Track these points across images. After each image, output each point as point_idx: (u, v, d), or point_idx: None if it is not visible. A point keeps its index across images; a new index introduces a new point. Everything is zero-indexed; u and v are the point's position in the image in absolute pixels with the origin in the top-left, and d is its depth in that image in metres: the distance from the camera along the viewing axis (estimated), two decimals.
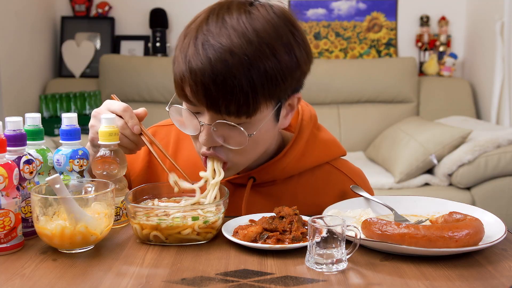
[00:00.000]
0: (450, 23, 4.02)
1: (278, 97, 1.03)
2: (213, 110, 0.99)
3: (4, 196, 0.93)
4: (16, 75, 3.44)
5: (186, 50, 0.99)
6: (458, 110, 3.69)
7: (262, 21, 0.99)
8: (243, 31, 0.97)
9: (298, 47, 1.02)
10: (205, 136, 1.02)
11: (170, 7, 3.97)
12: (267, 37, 0.97)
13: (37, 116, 1.05)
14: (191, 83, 0.98)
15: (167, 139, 1.26)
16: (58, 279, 0.84)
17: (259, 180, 1.16)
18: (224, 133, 1.03)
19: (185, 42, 1.01)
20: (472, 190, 2.99)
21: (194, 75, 0.97)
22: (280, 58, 0.98)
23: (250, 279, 0.83)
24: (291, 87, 1.04)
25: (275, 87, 0.99)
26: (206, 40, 0.97)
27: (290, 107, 1.10)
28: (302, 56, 1.03)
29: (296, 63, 1.01)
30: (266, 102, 1.00)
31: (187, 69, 0.98)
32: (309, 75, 1.10)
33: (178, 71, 1.00)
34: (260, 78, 0.97)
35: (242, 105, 0.97)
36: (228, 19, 0.98)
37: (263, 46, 0.97)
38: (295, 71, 1.02)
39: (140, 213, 0.99)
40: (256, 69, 0.96)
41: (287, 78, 1.00)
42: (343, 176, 1.20)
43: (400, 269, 0.86)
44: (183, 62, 0.99)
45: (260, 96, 0.98)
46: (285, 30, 1.01)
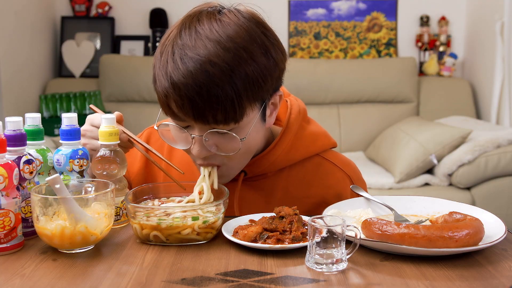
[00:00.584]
0: (450, 23, 4.02)
1: (262, 98, 1.05)
2: (201, 121, 1.01)
3: (4, 196, 0.93)
4: (16, 75, 3.44)
5: (166, 66, 1.00)
6: (458, 110, 3.69)
7: (234, 26, 1.00)
8: (217, 39, 0.98)
9: (273, 47, 1.04)
10: (198, 148, 1.04)
11: (170, 7, 3.97)
12: (242, 41, 0.99)
13: (37, 116, 1.05)
14: (176, 98, 0.99)
15: (162, 141, 1.27)
16: (58, 279, 0.84)
17: (250, 173, 1.18)
18: (216, 141, 1.04)
19: (162, 59, 1.02)
20: (472, 190, 2.99)
21: (178, 90, 0.98)
22: (258, 60, 1.00)
23: (250, 279, 0.83)
24: (272, 87, 1.06)
25: (258, 90, 1.01)
26: (184, 53, 0.98)
27: (273, 105, 1.12)
28: (278, 55, 1.05)
29: (274, 62, 1.04)
30: (251, 105, 1.02)
31: (170, 85, 0.99)
32: (309, 75, 1.11)
33: (161, 89, 1.01)
34: (243, 83, 0.98)
35: (228, 112, 0.99)
36: (201, 29, 1.00)
37: (240, 51, 0.98)
38: (274, 70, 1.04)
39: (140, 213, 0.99)
40: (238, 75, 0.98)
41: (268, 79, 1.02)
42: (334, 167, 1.21)
43: (400, 269, 0.87)
44: (165, 78, 1.00)
45: (245, 100, 1.00)
46: (258, 32, 1.02)
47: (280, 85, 1.11)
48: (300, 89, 3.69)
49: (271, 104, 1.10)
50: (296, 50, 4.04)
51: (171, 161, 1.23)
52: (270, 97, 1.08)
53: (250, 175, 1.18)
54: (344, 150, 3.67)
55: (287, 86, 1.20)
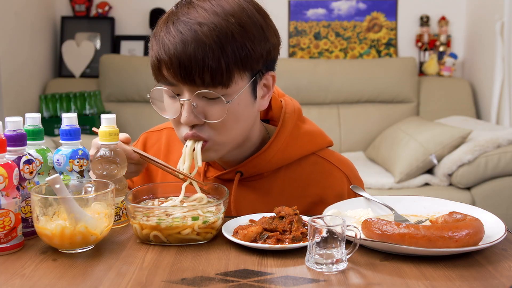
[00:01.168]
0: (450, 23, 4.02)
1: (251, 68, 1.06)
2: (189, 82, 1.03)
3: (4, 196, 0.93)
4: (16, 75, 3.44)
5: (159, 33, 1.06)
6: (458, 110, 3.69)
7: (230, 2, 1.05)
8: (210, 8, 1.03)
9: (265, 23, 1.08)
10: (186, 113, 1.05)
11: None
12: (233, 11, 1.04)
13: (37, 116, 1.05)
14: (165, 59, 1.03)
15: (158, 144, 1.29)
16: (58, 279, 0.84)
17: (246, 174, 1.17)
18: (204, 108, 1.05)
19: (157, 29, 1.08)
20: (472, 190, 2.99)
21: (168, 51, 1.02)
22: (247, 28, 1.04)
23: (250, 279, 0.83)
24: (262, 60, 1.08)
25: (246, 56, 1.04)
26: (176, 19, 1.04)
27: (266, 88, 1.13)
28: (269, 31, 1.09)
29: (264, 35, 1.07)
30: (239, 72, 1.04)
31: (160, 47, 1.04)
32: (309, 75, 1.12)
33: (153, 54, 1.06)
34: (230, 45, 1.02)
35: (215, 72, 1.01)
36: (196, 1, 1.06)
37: (229, 18, 1.03)
38: (263, 42, 1.07)
39: (140, 213, 0.99)
40: (225, 37, 1.01)
41: (257, 49, 1.05)
42: (331, 166, 1.21)
43: (400, 269, 0.86)
44: (157, 43, 1.05)
45: (232, 63, 1.02)
46: (251, 9, 1.07)
47: (272, 64, 1.12)
48: (300, 89, 3.69)
49: (263, 86, 1.12)
50: (296, 50, 4.04)
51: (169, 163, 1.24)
52: (261, 74, 1.09)
53: (246, 175, 1.18)
54: (344, 150, 3.67)
55: (287, 86, 1.21)
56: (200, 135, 1.07)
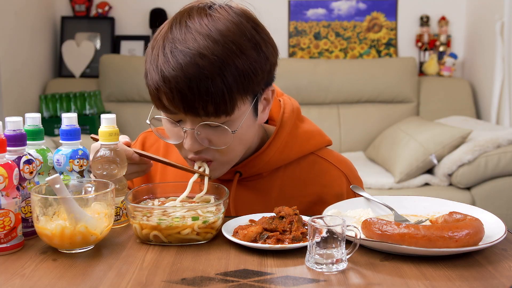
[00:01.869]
0: (450, 23, 4.02)
1: (253, 91, 1.05)
2: (192, 114, 1.01)
3: (4, 196, 0.93)
4: (16, 75, 3.44)
5: (156, 60, 1.01)
6: (458, 110, 3.69)
7: (224, 21, 1.01)
8: (207, 33, 0.99)
9: (263, 41, 1.05)
10: (190, 141, 1.04)
11: (170, 7, 3.96)
12: (231, 35, 1.00)
13: (37, 116, 1.05)
14: (166, 91, 1.00)
15: (157, 144, 1.29)
16: (58, 279, 0.84)
17: (245, 174, 1.18)
18: (207, 135, 1.05)
19: (153, 53, 1.03)
20: (472, 190, 2.99)
21: (168, 83, 0.99)
22: (248, 53, 1.01)
23: (250, 279, 0.83)
24: (263, 81, 1.07)
25: (248, 82, 1.02)
26: (174, 47, 1.00)
27: (266, 101, 1.12)
28: (269, 50, 1.06)
29: (264, 56, 1.04)
30: (242, 98, 1.03)
31: (160, 78, 1.00)
32: (309, 75, 1.11)
33: (152, 82, 1.02)
34: (233, 75, 0.99)
35: (219, 104, 0.99)
36: (191, 24, 1.01)
37: (229, 44, 0.99)
38: (264, 64, 1.04)
39: (140, 213, 0.99)
40: (227, 67, 0.99)
41: (258, 72, 1.03)
42: (329, 165, 1.21)
43: (400, 269, 0.86)
44: (155, 72, 1.01)
45: (235, 92, 1.00)
46: (248, 27, 1.03)
47: (272, 80, 1.11)
48: (300, 89, 3.69)
49: (263, 100, 1.11)
50: (296, 50, 4.04)
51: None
52: (262, 91, 1.09)
53: (245, 175, 1.18)
54: (344, 150, 3.67)
55: (287, 86, 1.21)
56: (205, 157, 1.08)
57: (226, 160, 1.10)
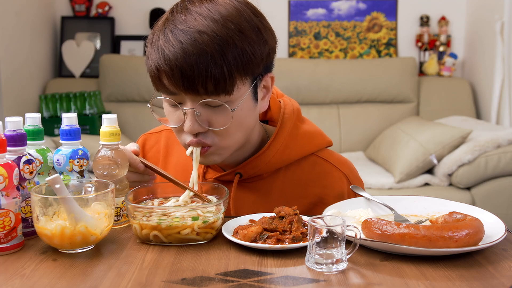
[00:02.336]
0: (450, 23, 4.02)
1: (252, 73, 1.06)
2: (192, 92, 1.02)
3: (4, 196, 0.93)
4: (16, 75, 3.44)
5: (157, 41, 1.03)
6: (458, 110, 3.69)
7: (224, 5, 1.04)
8: (208, 14, 1.02)
9: (263, 26, 1.07)
10: (190, 122, 1.04)
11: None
12: (231, 17, 1.02)
13: (37, 116, 1.05)
14: (166, 69, 1.01)
15: (157, 146, 1.29)
16: (58, 279, 0.84)
17: (246, 175, 1.17)
18: (207, 116, 1.05)
19: (154, 36, 1.05)
20: (472, 190, 2.99)
21: (168, 61, 1.00)
22: (247, 33, 1.03)
23: (250, 279, 0.83)
24: (262, 64, 1.07)
25: (247, 62, 1.03)
26: (174, 27, 1.02)
27: (265, 89, 1.13)
28: (268, 35, 1.07)
29: (263, 39, 1.06)
30: (241, 78, 1.03)
31: (160, 57, 1.01)
32: (309, 75, 1.11)
33: (152, 63, 1.03)
34: (231, 52, 1.00)
35: (218, 81, 1.00)
36: (192, 7, 1.04)
37: (229, 24, 1.01)
38: (263, 45, 1.05)
39: (140, 213, 0.99)
40: (226, 44, 1.00)
41: (257, 53, 1.04)
42: (330, 166, 1.21)
43: (400, 269, 0.86)
44: (156, 52, 1.02)
45: (235, 71, 1.01)
46: (248, 11, 1.05)
47: (271, 66, 1.12)
48: (300, 89, 3.69)
49: (263, 87, 1.11)
50: (296, 50, 4.04)
51: (168, 165, 1.24)
52: (261, 76, 1.09)
53: (246, 176, 1.18)
54: (344, 150, 3.67)
55: (287, 86, 1.21)
56: (204, 141, 1.07)
57: (225, 145, 1.09)
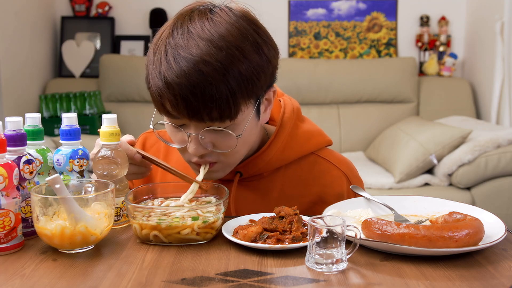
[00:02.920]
0: (450, 23, 4.02)
1: (256, 94, 1.06)
2: (196, 120, 1.01)
3: (4, 196, 0.93)
4: (16, 75, 3.44)
5: (159, 66, 1.01)
6: (458, 110, 3.69)
7: (226, 25, 1.01)
8: (209, 38, 0.99)
9: (265, 44, 1.05)
10: (195, 146, 1.04)
11: (170, 7, 3.97)
12: (233, 40, 1.00)
13: (37, 116, 1.05)
14: (170, 97, 1.00)
15: (157, 145, 1.29)
16: (58, 279, 0.84)
17: (246, 174, 1.18)
18: (212, 139, 1.05)
19: (156, 59, 1.02)
20: (472, 190, 2.99)
21: (172, 90, 0.99)
22: (251, 58, 1.01)
23: (250, 279, 0.83)
24: (266, 83, 1.07)
25: (252, 87, 1.02)
26: (177, 53, 0.99)
27: (267, 101, 1.13)
28: (270, 52, 1.06)
29: (266, 59, 1.04)
30: (245, 102, 1.03)
31: (164, 85, 1.00)
32: (309, 75, 1.11)
33: (155, 88, 1.02)
34: (236, 80, 0.99)
35: (223, 109, 0.99)
36: (192, 29, 1.01)
37: (232, 50, 0.99)
38: (267, 67, 1.05)
39: (140, 213, 0.99)
40: (231, 73, 0.98)
41: (261, 76, 1.03)
42: (330, 165, 1.21)
43: (400, 269, 0.86)
44: (159, 78, 1.00)
45: (239, 98, 1.00)
46: (249, 30, 1.03)
47: (273, 81, 1.11)
48: (300, 89, 3.69)
49: (265, 100, 1.11)
50: (296, 50, 4.04)
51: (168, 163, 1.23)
52: (264, 93, 1.09)
53: (246, 175, 1.18)
54: (344, 150, 3.67)
55: (287, 86, 1.21)
56: (209, 161, 1.08)
57: (230, 162, 1.11)
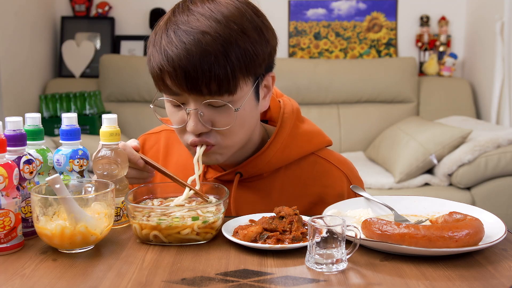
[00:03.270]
0: (450, 23, 4.02)
1: (255, 73, 1.06)
2: (195, 92, 1.02)
3: (4, 196, 0.93)
4: (16, 75, 3.44)
5: (160, 42, 1.03)
6: (458, 110, 3.69)
7: (226, 5, 1.04)
8: (210, 15, 1.01)
9: (264, 26, 1.07)
10: (193, 122, 1.04)
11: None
12: (233, 17, 1.02)
13: (37, 116, 1.05)
14: (169, 70, 1.01)
15: (157, 146, 1.29)
16: (58, 279, 0.84)
17: (246, 174, 1.18)
18: (210, 116, 1.05)
19: (157, 37, 1.05)
20: (472, 190, 2.99)
21: (172, 61, 1.00)
22: (249, 34, 1.03)
23: (250, 279, 0.83)
24: (264, 63, 1.08)
25: (250, 62, 1.03)
26: (177, 28, 1.02)
27: (266, 88, 1.13)
28: (269, 34, 1.08)
29: (265, 39, 1.06)
30: (244, 78, 1.04)
31: (163, 58, 1.01)
32: (309, 75, 1.11)
33: (155, 64, 1.03)
34: (235, 52, 1.00)
35: (222, 81, 1.00)
36: (194, 7, 1.04)
37: (231, 25, 1.01)
38: (265, 46, 1.06)
39: (140, 213, 0.99)
40: (229, 45, 1.00)
41: (259, 53, 1.04)
42: (330, 166, 1.21)
43: (400, 269, 0.87)
44: (159, 53, 1.02)
45: (238, 71, 1.01)
46: (249, 11, 1.05)
47: (272, 65, 1.12)
48: (300, 89, 3.69)
49: (264, 87, 1.12)
50: (296, 50, 4.04)
51: (168, 165, 1.24)
52: (263, 76, 1.09)
53: (246, 176, 1.18)
54: (344, 150, 3.67)
55: (287, 86, 1.21)
56: (208, 141, 1.07)
57: (228, 144, 1.09)
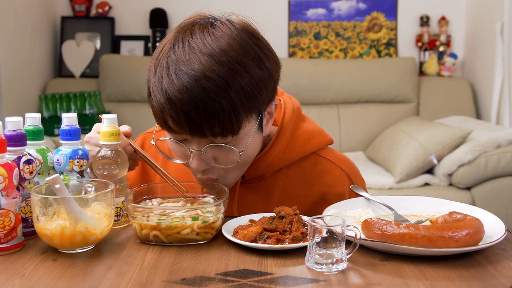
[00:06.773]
0: (450, 23, 4.02)
1: (258, 109, 1.05)
2: (198, 135, 1.01)
3: (4, 196, 0.93)
4: (16, 75, 3.44)
5: (161, 81, 1.00)
6: (458, 110, 3.69)
7: (227, 39, 1.00)
8: (211, 53, 0.98)
9: (267, 58, 1.04)
10: (197, 161, 1.04)
11: (170, 7, 3.97)
12: (235, 55, 0.99)
13: (37, 116, 1.05)
14: (172, 113, 0.99)
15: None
16: (58, 279, 0.84)
17: (248, 176, 1.18)
18: (214, 154, 1.05)
19: (157, 74, 1.01)
20: (472, 190, 2.99)
21: (174, 105, 0.98)
22: (253, 73, 1.00)
23: (250, 279, 0.83)
24: (268, 97, 1.06)
25: (254, 102, 1.01)
26: (178, 68, 0.98)
27: (269, 115, 1.12)
28: (272, 66, 1.05)
29: (268, 73, 1.03)
30: (247, 117, 1.02)
31: (166, 100, 0.99)
32: (309, 75, 1.11)
33: (157, 104, 1.01)
34: (238, 96, 0.98)
35: (225, 125, 0.99)
36: (194, 43, 1.00)
37: (234, 65, 0.98)
38: (268, 81, 1.04)
39: (140, 213, 0.99)
40: (233, 89, 0.98)
41: (263, 90, 1.02)
42: (331, 165, 1.21)
43: (400, 269, 0.87)
44: (160, 94, 0.99)
45: (241, 113, 1.00)
46: (251, 43, 1.02)
47: (275, 95, 1.11)
48: (300, 89, 3.69)
49: (267, 114, 1.11)
50: (296, 50, 4.04)
51: (167, 166, 1.23)
52: (266, 107, 1.08)
53: (248, 177, 1.18)
54: (344, 150, 3.67)
55: (287, 86, 1.21)
56: (212, 178, 1.08)
57: (232, 176, 1.11)
